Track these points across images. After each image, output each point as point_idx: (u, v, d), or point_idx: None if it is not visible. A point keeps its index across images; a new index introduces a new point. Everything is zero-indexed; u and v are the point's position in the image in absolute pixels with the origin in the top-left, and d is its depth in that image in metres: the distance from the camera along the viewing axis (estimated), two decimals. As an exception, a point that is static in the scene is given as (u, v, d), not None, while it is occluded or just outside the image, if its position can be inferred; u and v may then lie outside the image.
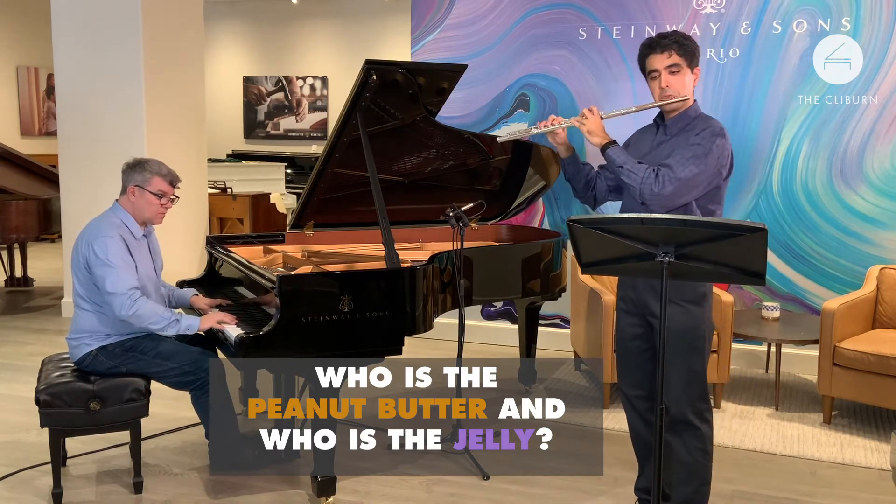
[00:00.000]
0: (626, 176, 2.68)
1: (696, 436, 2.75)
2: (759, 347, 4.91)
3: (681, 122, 2.74)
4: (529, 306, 4.40)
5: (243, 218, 7.72)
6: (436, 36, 5.38)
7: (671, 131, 2.76)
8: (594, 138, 2.81)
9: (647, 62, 2.75)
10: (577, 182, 2.98)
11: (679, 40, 2.70)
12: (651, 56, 2.73)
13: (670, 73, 2.70)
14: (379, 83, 3.31)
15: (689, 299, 2.70)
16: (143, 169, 3.28)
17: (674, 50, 2.69)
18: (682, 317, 2.69)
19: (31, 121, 10.33)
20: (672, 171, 2.61)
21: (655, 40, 2.73)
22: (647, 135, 2.87)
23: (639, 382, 2.86)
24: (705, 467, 2.78)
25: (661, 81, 2.72)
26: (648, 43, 2.76)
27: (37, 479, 3.36)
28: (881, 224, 4.64)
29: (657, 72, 2.72)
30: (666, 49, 2.69)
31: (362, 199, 3.73)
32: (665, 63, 2.70)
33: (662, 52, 2.70)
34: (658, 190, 2.60)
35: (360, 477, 3.41)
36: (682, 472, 2.77)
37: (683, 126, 2.73)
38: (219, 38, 11.92)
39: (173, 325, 3.20)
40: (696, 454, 2.76)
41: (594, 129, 2.82)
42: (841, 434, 3.93)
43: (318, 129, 11.76)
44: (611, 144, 2.77)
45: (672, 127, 2.76)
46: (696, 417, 2.73)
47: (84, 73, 5.88)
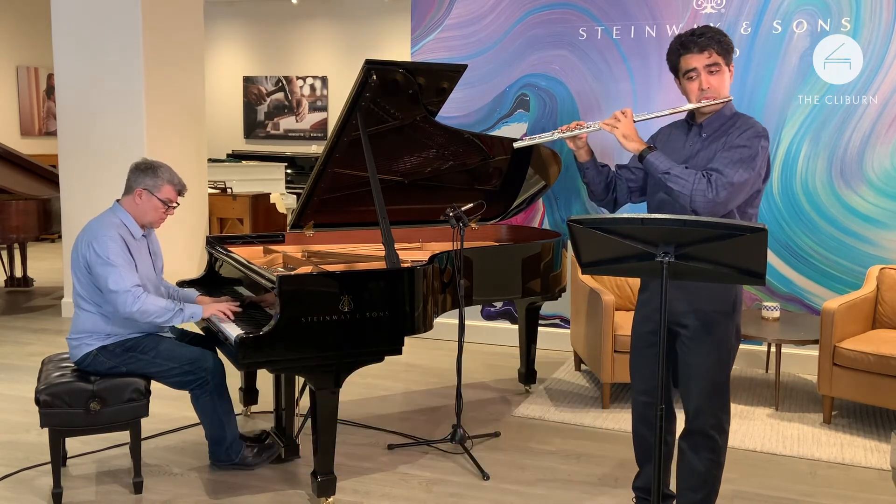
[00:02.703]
0: (674, 182, 2.51)
1: (712, 448, 2.67)
2: (759, 347, 4.91)
3: (717, 121, 2.61)
4: (529, 306, 4.40)
5: (243, 218, 7.72)
6: (436, 36, 5.39)
7: (708, 132, 2.62)
8: (630, 143, 2.62)
9: (682, 62, 2.60)
10: (597, 186, 2.82)
11: (717, 37, 2.55)
12: (687, 55, 2.57)
13: (710, 72, 2.56)
14: (379, 83, 3.31)
15: (720, 310, 2.60)
16: (155, 175, 3.28)
17: (713, 48, 2.55)
18: (713, 327, 2.59)
19: (31, 121, 10.33)
20: (723, 175, 2.47)
21: (692, 38, 2.57)
22: (677, 136, 2.73)
23: (650, 388, 2.75)
24: (716, 477, 2.72)
25: (701, 82, 2.57)
26: (683, 42, 2.58)
27: (37, 479, 3.36)
28: (881, 224, 4.64)
29: (695, 71, 2.57)
30: (705, 48, 2.54)
31: (362, 199, 3.74)
32: (704, 62, 2.55)
33: (702, 52, 2.55)
34: (713, 196, 2.46)
35: (360, 477, 3.41)
36: (692, 479, 2.71)
37: (721, 126, 2.60)
38: (219, 38, 11.93)
39: (178, 316, 3.21)
40: (708, 464, 2.69)
41: (630, 133, 2.63)
42: (841, 434, 3.93)
43: (318, 129, 11.77)
44: (650, 149, 2.60)
45: (709, 128, 2.62)
46: (715, 430, 2.66)
47: (84, 73, 5.89)
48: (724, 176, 2.47)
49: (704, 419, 2.66)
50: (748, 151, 2.50)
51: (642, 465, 2.94)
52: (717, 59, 2.57)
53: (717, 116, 2.62)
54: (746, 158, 2.50)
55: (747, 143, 2.52)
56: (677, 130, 2.75)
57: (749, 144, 2.51)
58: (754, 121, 2.60)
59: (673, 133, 2.75)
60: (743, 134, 2.54)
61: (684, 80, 2.63)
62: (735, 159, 2.50)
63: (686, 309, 2.62)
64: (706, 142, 2.62)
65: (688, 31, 2.62)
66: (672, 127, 2.78)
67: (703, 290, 2.59)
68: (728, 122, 2.61)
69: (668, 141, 2.73)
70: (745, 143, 2.52)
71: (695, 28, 2.63)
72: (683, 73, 2.61)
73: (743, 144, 2.52)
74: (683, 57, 2.59)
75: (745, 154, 2.50)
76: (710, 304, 2.59)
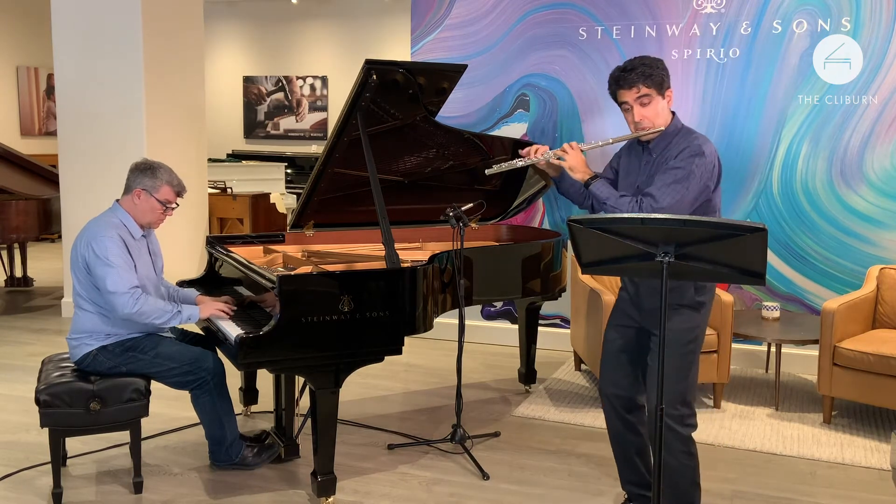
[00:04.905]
0: (611, 211, 2.72)
1: (677, 438, 2.73)
2: (759, 347, 4.91)
3: (663, 142, 2.76)
4: (529, 306, 4.40)
5: (243, 218, 7.72)
6: (436, 36, 5.39)
7: (656, 153, 2.77)
8: (576, 174, 2.87)
9: (616, 95, 2.77)
10: (572, 196, 3.04)
11: (645, 72, 2.70)
12: (619, 90, 2.75)
13: (641, 104, 2.72)
14: (379, 83, 3.31)
15: (686, 304, 2.72)
16: (154, 175, 3.28)
17: (640, 84, 2.70)
18: (676, 319, 2.69)
19: (31, 121, 10.33)
20: (655, 199, 2.64)
21: (622, 75, 2.73)
22: (634, 155, 2.88)
23: (618, 381, 2.89)
24: (691, 468, 2.78)
25: (633, 115, 2.73)
26: (616, 77, 2.75)
27: (37, 479, 3.36)
28: (881, 224, 4.64)
29: (628, 104, 2.74)
30: (633, 84, 2.71)
31: (362, 199, 3.74)
32: (634, 96, 2.72)
33: (630, 89, 2.71)
34: None
35: (360, 477, 3.41)
36: (666, 474, 2.71)
37: (666, 145, 2.75)
38: (219, 38, 11.93)
39: (176, 317, 3.21)
40: (679, 457, 2.75)
41: (575, 165, 2.88)
42: (841, 434, 3.94)
43: (318, 129, 11.77)
44: (593, 180, 2.83)
45: (656, 149, 2.78)
46: (673, 421, 2.71)
47: (84, 73, 5.89)
48: (656, 201, 2.64)
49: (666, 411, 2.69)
50: (681, 173, 2.65)
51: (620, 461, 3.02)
52: (647, 90, 2.72)
53: (661, 137, 2.77)
54: (680, 179, 2.65)
55: (681, 164, 2.67)
56: (635, 150, 2.90)
57: (683, 165, 2.66)
58: (694, 137, 2.73)
59: (632, 154, 2.91)
60: (679, 155, 2.69)
61: (622, 109, 2.79)
62: (668, 181, 2.66)
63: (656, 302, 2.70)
64: (656, 162, 2.77)
65: (619, 67, 2.78)
66: (630, 148, 2.94)
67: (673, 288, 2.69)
68: (672, 141, 2.75)
69: (629, 163, 2.90)
70: (680, 164, 2.67)
71: (626, 62, 2.76)
72: (620, 103, 2.79)
73: (677, 166, 2.67)
74: (617, 92, 2.77)
75: (678, 175, 2.65)
76: (676, 297, 2.70)
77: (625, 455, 2.98)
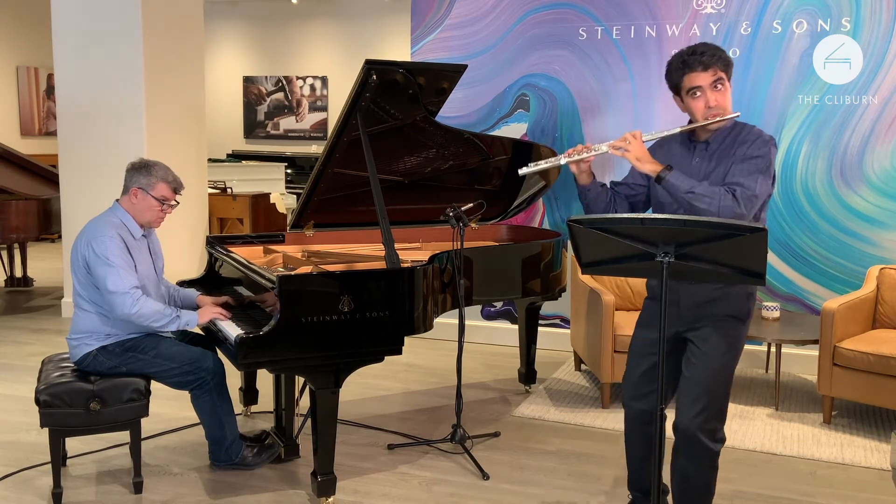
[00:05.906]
0: (699, 201, 2.47)
1: (706, 453, 2.61)
2: (759, 347, 4.91)
3: (722, 134, 2.60)
4: (529, 306, 4.40)
5: (243, 218, 7.72)
6: (436, 36, 5.39)
7: (715, 148, 2.60)
8: (645, 165, 2.58)
9: (685, 80, 2.57)
10: (597, 206, 2.78)
11: (719, 53, 2.54)
12: (692, 73, 2.55)
13: (715, 89, 2.55)
14: (379, 83, 3.31)
15: (735, 315, 2.60)
16: (149, 173, 3.27)
17: (717, 65, 2.53)
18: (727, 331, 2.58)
19: (31, 121, 10.33)
20: (746, 188, 2.46)
21: (694, 57, 2.54)
22: (676, 152, 2.69)
23: (643, 394, 2.74)
24: (711, 479, 2.69)
25: (706, 100, 2.55)
26: (686, 60, 2.56)
27: (37, 479, 3.36)
28: (881, 224, 4.64)
29: (700, 89, 2.55)
30: (710, 66, 2.53)
31: (362, 200, 3.74)
32: (709, 80, 2.54)
33: (706, 70, 2.53)
34: (740, 211, 2.46)
35: (360, 477, 3.41)
36: (683, 482, 2.69)
37: (726, 138, 2.60)
38: (219, 38, 11.93)
39: (174, 322, 3.21)
40: (704, 470, 2.66)
41: (643, 155, 2.60)
42: (841, 434, 3.93)
43: (318, 129, 11.77)
44: (668, 170, 2.55)
45: (716, 143, 2.60)
46: (705, 436, 2.60)
47: (84, 73, 5.88)
48: (748, 189, 2.47)
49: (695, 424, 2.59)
50: (763, 162, 2.51)
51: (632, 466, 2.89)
52: (721, 74, 2.56)
53: (723, 130, 2.61)
54: (763, 168, 2.51)
55: (759, 152, 2.52)
56: (675, 147, 2.70)
57: (762, 154, 2.52)
58: (759, 129, 2.60)
59: (672, 150, 2.71)
60: (754, 144, 2.54)
61: (687, 97, 2.60)
62: (753, 170, 2.50)
63: (701, 313, 2.61)
64: (718, 157, 2.60)
65: (688, 50, 2.59)
66: (667, 144, 2.73)
67: (719, 297, 2.58)
68: (733, 134, 2.60)
69: (669, 159, 2.68)
70: (759, 152, 2.52)
71: (695, 46, 2.60)
72: (687, 90, 2.59)
73: (757, 154, 2.52)
74: (687, 75, 2.57)
75: (761, 164, 2.51)
76: (725, 308, 2.58)
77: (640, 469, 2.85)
